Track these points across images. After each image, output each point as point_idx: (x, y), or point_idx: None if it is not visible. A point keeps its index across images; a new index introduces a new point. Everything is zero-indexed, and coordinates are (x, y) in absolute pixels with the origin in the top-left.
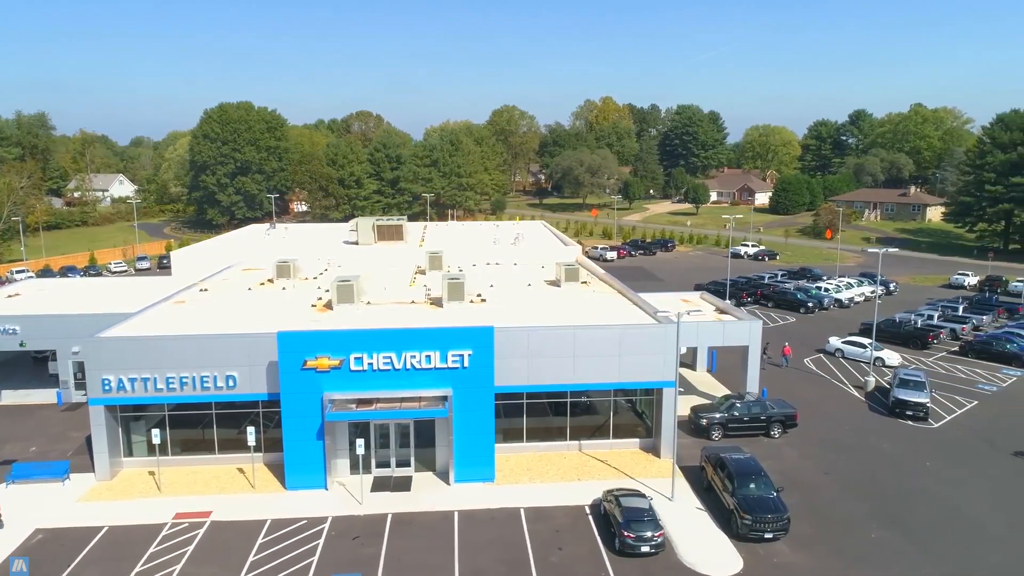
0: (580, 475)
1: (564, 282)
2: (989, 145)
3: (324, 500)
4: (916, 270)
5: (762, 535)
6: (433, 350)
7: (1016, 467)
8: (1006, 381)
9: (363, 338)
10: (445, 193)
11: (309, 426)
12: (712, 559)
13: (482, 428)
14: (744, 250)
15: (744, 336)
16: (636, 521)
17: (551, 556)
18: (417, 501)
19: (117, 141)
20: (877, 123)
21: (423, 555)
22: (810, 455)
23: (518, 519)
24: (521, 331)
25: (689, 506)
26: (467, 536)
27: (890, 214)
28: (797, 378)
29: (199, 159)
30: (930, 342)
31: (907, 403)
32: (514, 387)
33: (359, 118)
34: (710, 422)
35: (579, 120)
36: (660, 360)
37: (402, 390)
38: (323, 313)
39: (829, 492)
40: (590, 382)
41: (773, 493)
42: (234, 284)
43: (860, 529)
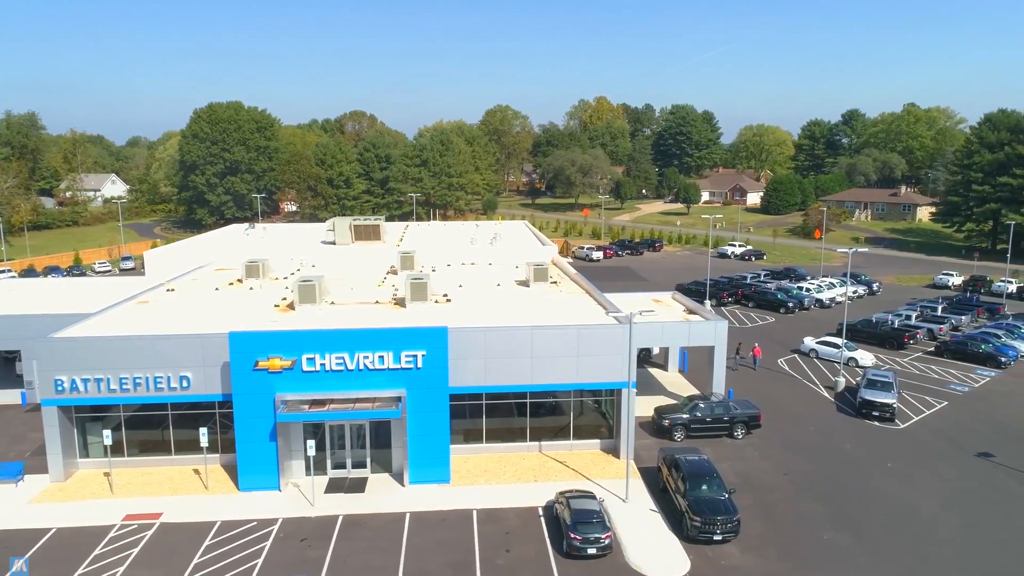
0: (537, 476)
1: (533, 282)
2: (977, 145)
3: (276, 502)
4: (902, 270)
5: (711, 537)
6: (386, 351)
7: (977, 468)
8: (979, 382)
9: (315, 338)
10: (435, 193)
11: (262, 427)
12: (659, 561)
13: (437, 429)
14: (731, 250)
15: (710, 336)
16: (583, 523)
17: (498, 558)
18: (370, 503)
19: (114, 141)
20: (870, 123)
21: (369, 557)
22: (771, 456)
23: (470, 521)
24: (477, 331)
25: (643, 508)
26: (416, 538)
27: (881, 214)
28: (768, 378)
29: (188, 159)
30: (906, 343)
31: (873, 404)
32: (470, 388)
33: (352, 118)
34: (672, 423)
35: (573, 120)
36: (618, 360)
37: (355, 391)
38: (285, 313)
39: (786, 493)
40: (548, 383)
41: (724, 495)
42: (202, 284)
43: (812, 531)
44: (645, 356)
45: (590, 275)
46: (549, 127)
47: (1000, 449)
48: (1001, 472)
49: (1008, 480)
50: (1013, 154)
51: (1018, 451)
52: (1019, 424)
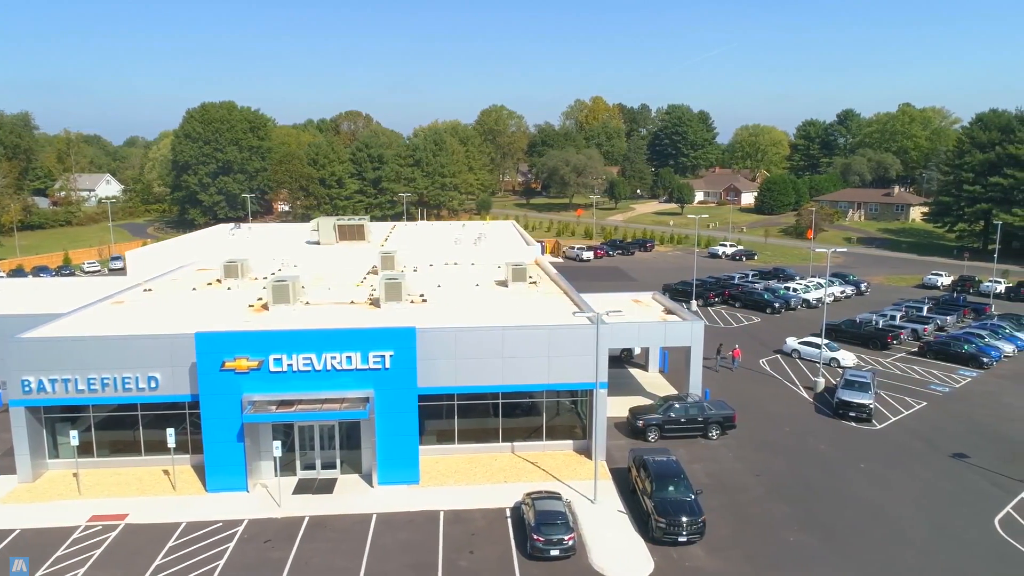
0: (507, 477)
1: (512, 282)
2: (968, 144)
3: (243, 502)
4: (893, 270)
5: (676, 538)
6: (354, 351)
7: (950, 469)
8: (960, 382)
9: (282, 339)
10: (429, 193)
11: (229, 428)
12: (623, 563)
13: (405, 430)
14: (722, 250)
15: (686, 337)
16: (547, 524)
17: (460, 560)
18: (337, 504)
19: (111, 141)
20: (865, 123)
21: (332, 558)
22: (745, 456)
23: (436, 522)
24: (447, 332)
25: (611, 509)
26: (380, 539)
27: (874, 214)
28: (749, 379)
29: (181, 159)
30: (889, 343)
31: (850, 404)
32: (440, 388)
33: (348, 118)
34: (646, 424)
35: (569, 120)
36: (590, 361)
37: (323, 391)
38: (259, 314)
39: (756, 494)
40: (519, 383)
41: (691, 496)
42: (181, 284)
43: (779, 532)
44: (626, 356)
45: (580, 275)
46: (545, 127)
47: (976, 450)
48: (974, 473)
49: (981, 481)
50: (1004, 154)
51: (993, 452)
52: (996, 425)
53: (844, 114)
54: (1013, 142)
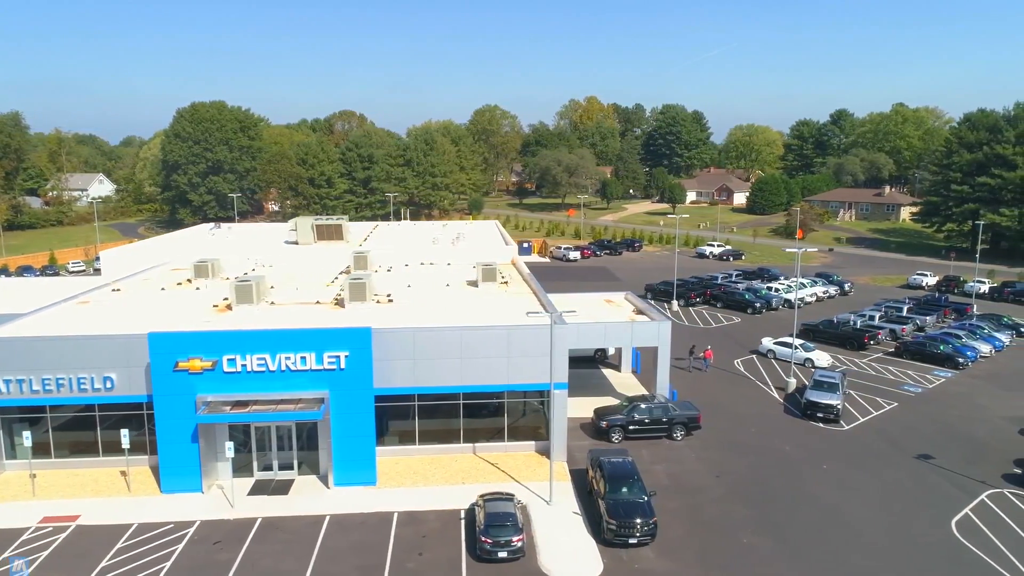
0: (465, 479)
1: (482, 282)
2: (956, 145)
3: (197, 504)
4: (879, 270)
5: (627, 540)
6: (308, 351)
7: (913, 470)
8: (933, 383)
9: (236, 339)
10: (419, 193)
11: (183, 428)
12: (571, 564)
13: (362, 431)
14: (710, 250)
15: (653, 337)
16: (495, 526)
17: (409, 562)
18: (291, 505)
19: (109, 140)
20: (858, 123)
21: (279, 560)
22: (707, 457)
23: (389, 524)
24: (405, 332)
25: (566, 510)
26: (331, 541)
27: (865, 214)
28: (721, 379)
29: (171, 159)
30: (866, 343)
31: (818, 405)
32: (398, 389)
33: (342, 118)
34: (610, 424)
35: (564, 120)
36: (549, 361)
37: (278, 392)
38: (223, 314)
39: (714, 495)
40: (478, 384)
41: (644, 497)
42: (151, 284)
43: (734, 534)
44: (600, 357)
45: (566, 275)
46: (539, 127)
47: (942, 451)
48: (937, 474)
49: (943, 482)
50: (992, 154)
51: (959, 453)
52: (965, 425)
53: (837, 114)
54: (1000, 142)
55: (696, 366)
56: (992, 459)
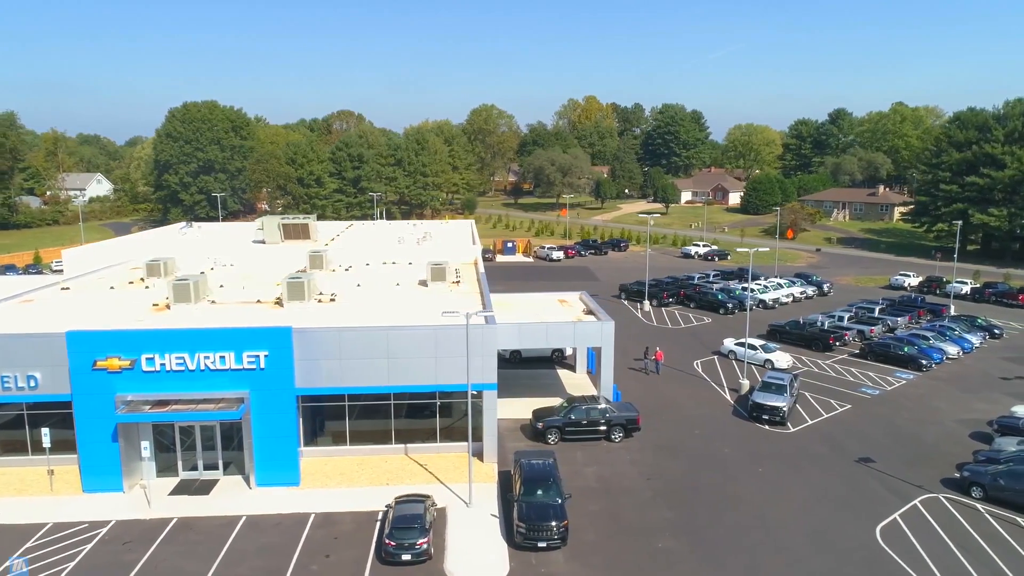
0: (391, 480)
1: (431, 282)
2: (946, 144)
3: (116, 503)
4: (864, 270)
5: (536, 543)
6: (227, 351)
7: (851, 474)
8: (893, 385)
9: (154, 338)
10: (410, 192)
11: (103, 428)
12: (477, 568)
13: (284, 431)
14: (695, 250)
15: (596, 337)
16: (401, 528)
17: (313, 564)
18: (211, 505)
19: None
20: (857, 122)
21: (183, 562)
22: (642, 460)
23: (304, 525)
24: (330, 332)
25: (484, 513)
26: (240, 543)
27: (859, 214)
28: (677, 380)
29: (162, 158)
30: (832, 344)
31: (763, 407)
32: (323, 389)
33: (340, 117)
34: (546, 426)
35: (563, 120)
36: (478, 362)
37: (197, 392)
38: (160, 313)
39: (640, 499)
40: (406, 384)
41: (558, 500)
42: (101, 283)
43: (651, 538)
44: (558, 357)
45: (546, 275)
46: (537, 127)
47: (885, 454)
48: (874, 478)
49: (878, 487)
50: (981, 153)
51: (903, 455)
52: (914, 428)
53: (836, 113)
54: (990, 141)
55: (651, 368)
56: (935, 463)
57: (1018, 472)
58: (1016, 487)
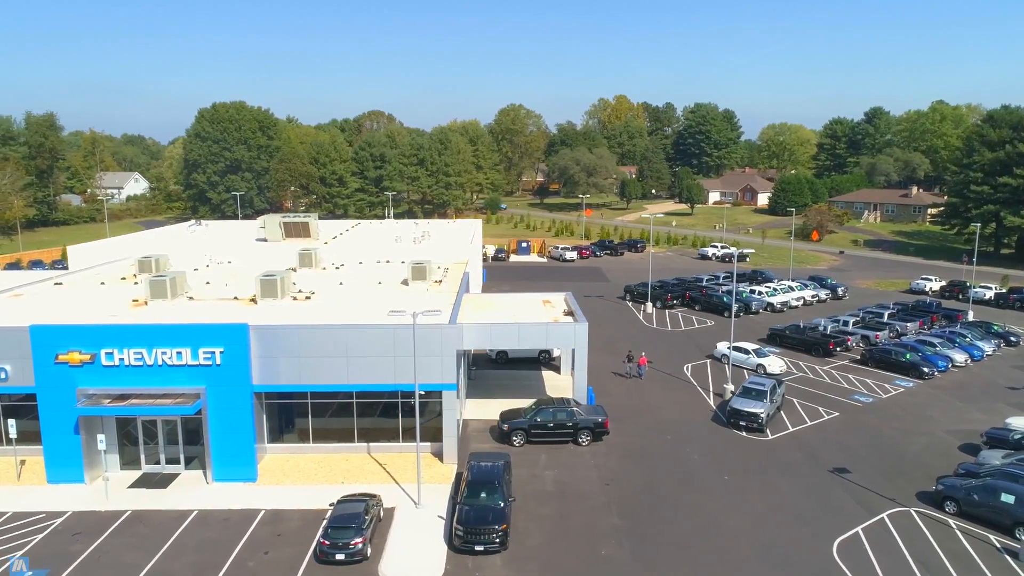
0: (347, 478)
1: (412, 281)
2: (978, 143)
3: (75, 494)
4: (887, 273)
5: (473, 547)
6: (184, 347)
7: (821, 484)
8: (889, 392)
9: (113, 333)
10: (432, 192)
11: (65, 420)
12: (411, 570)
13: (240, 427)
14: (712, 251)
15: (569, 339)
16: (338, 527)
17: (250, 560)
18: (166, 499)
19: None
20: (894, 121)
21: (125, 554)
22: (606, 464)
23: (251, 521)
24: (290, 329)
25: (432, 514)
26: (185, 536)
27: (891, 215)
28: (664, 384)
29: (191, 158)
30: (832, 349)
31: (741, 413)
32: (282, 386)
33: (371, 117)
34: (512, 428)
35: (592, 119)
36: (438, 362)
37: (156, 387)
38: (137, 308)
39: (594, 504)
40: (365, 383)
41: (500, 504)
42: (96, 279)
43: (595, 545)
44: (546, 359)
45: (556, 275)
46: (566, 126)
47: (862, 464)
48: (845, 489)
49: (847, 499)
50: (1015, 152)
51: (880, 467)
52: (901, 438)
53: (872, 112)
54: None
55: (633, 373)
56: (914, 475)
57: (993, 487)
58: (990, 503)
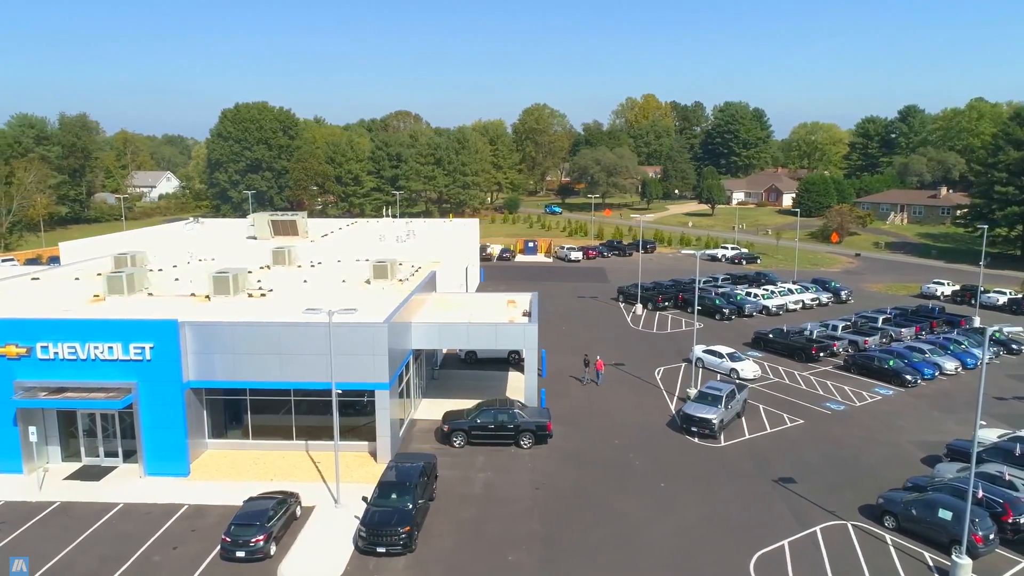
0: (277, 475)
1: (374, 280)
2: (1004, 141)
3: (11, 485)
4: (903, 277)
5: (375, 548)
6: (115, 342)
7: (760, 494)
8: (865, 400)
9: (47, 327)
10: (449, 191)
11: (3, 412)
12: (310, 570)
13: (171, 422)
14: (722, 253)
15: (518, 340)
16: (240, 525)
17: (156, 555)
18: (96, 492)
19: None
20: (929, 119)
21: (39, 545)
22: (542, 468)
23: (171, 516)
24: (223, 326)
25: (349, 514)
26: (104, 529)
27: (918, 217)
28: (628, 388)
29: (214, 157)
30: (814, 354)
31: (692, 418)
32: (216, 382)
33: (397, 117)
34: (452, 429)
35: (619, 119)
36: (369, 361)
37: (90, 380)
38: (95, 303)
39: (516, 508)
40: (300, 380)
41: (408, 506)
42: (70, 274)
43: (504, 550)
44: (515, 359)
45: (556, 275)
46: (592, 126)
47: (811, 475)
48: (785, 500)
49: (784, 511)
50: None
51: (831, 478)
52: (862, 448)
53: (907, 110)
54: None
55: (591, 378)
56: (864, 488)
57: (932, 502)
58: (928, 519)
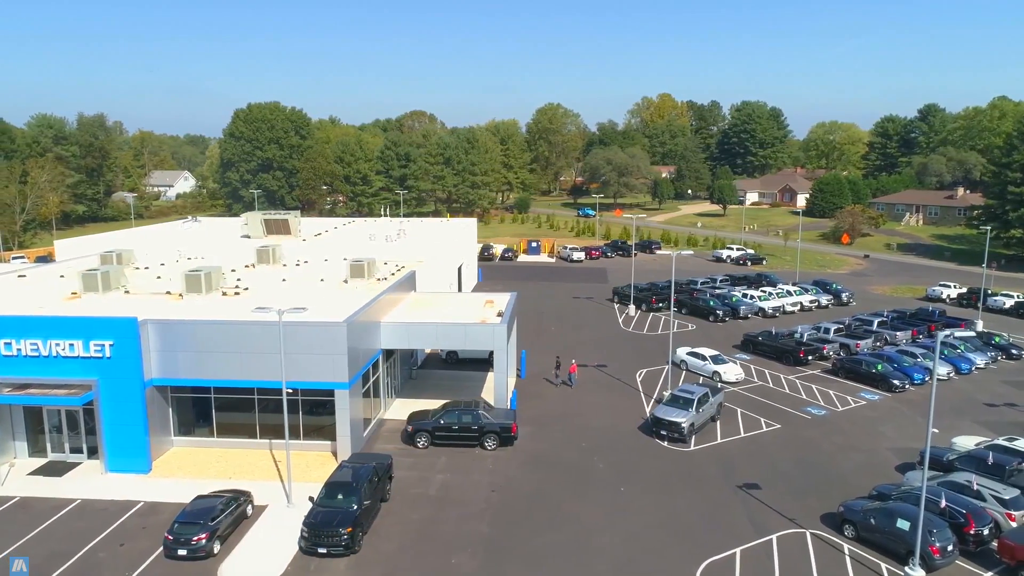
0: (236, 474)
1: (351, 279)
2: (1018, 140)
3: None
4: (911, 279)
5: (316, 549)
6: (75, 339)
7: (720, 500)
8: (849, 405)
9: (9, 324)
10: (457, 191)
11: None
12: (250, 570)
13: (132, 419)
14: (727, 254)
15: (488, 340)
16: (184, 523)
17: (102, 551)
18: (58, 488)
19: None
20: (950, 119)
21: None
22: (502, 470)
23: (124, 512)
24: (184, 324)
25: (300, 513)
26: (58, 526)
27: (934, 218)
28: (605, 390)
29: (226, 156)
30: (802, 358)
31: (662, 422)
32: (180, 380)
33: (412, 117)
34: (416, 429)
35: (635, 118)
36: (329, 360)
37: (52, 377)
38: (70, 300)
39: (468, 511)
40: (260, 379)
41: (352, 507)
42: (55, 272)
43: (449, 553)
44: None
45: (557, 275)
46: (606, 125)
47: (778, 481)
48: (746, 506)
49: (741, 518)
50: None
51: (797, 485)
52: (836, 455)
53: (927, 109)
54: None
55: (564, 380)
56: (830, 495)
57: (891, 511)
58: (886, 528)
